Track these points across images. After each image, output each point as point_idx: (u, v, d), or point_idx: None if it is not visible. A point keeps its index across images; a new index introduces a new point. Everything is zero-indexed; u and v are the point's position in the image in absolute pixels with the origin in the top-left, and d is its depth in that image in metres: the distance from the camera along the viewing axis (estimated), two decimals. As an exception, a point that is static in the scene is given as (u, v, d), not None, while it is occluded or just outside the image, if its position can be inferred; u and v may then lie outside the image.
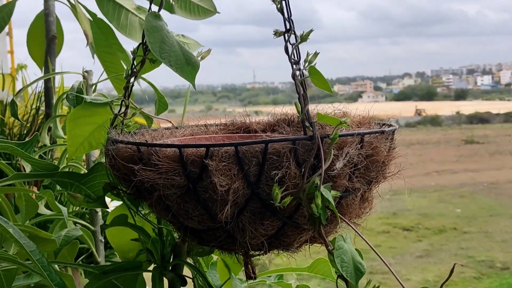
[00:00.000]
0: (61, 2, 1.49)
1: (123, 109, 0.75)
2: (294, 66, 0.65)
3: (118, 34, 1.55)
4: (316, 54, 0.65)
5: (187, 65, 0.72)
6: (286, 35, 0.66)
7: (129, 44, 1.54)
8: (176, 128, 0.86)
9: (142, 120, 1.02)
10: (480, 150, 20.83)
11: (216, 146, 0.61)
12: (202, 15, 1.53)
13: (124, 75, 0.75)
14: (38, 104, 1.54)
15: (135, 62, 0.75)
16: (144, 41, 0.74)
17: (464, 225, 10.55)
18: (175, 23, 0.78)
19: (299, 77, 0.64)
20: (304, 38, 0.65)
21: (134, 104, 0.78)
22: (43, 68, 1.48)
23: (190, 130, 0.87)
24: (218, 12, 1.55)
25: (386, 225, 10.40)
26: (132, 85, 0.75)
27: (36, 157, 0.88)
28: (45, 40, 1.45)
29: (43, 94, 1.51)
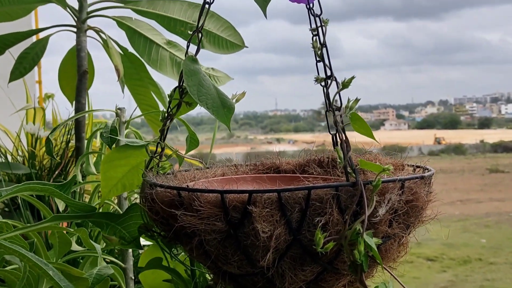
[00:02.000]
0: (92, 37, 1.52)
1: (158, 151, 0.75)
2: (336, 112, 0.65)
3: (148, 68, 1.57)
4: (357, 100, 0.65)
5: (222, 108, 0.73)
6: (327, 81, 0.66)
7: (158, 77, 1.55)
8: (207, 168, 0.86)
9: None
10: (505, 179, 20.55)
11: (258, 192, 0.61)
12: (230, 49, 1.55)
13: (160, 118, 0.76)
14: (68, 137, 1.55)
15: (171, 105, 0.76)
16: (181, 84, 0.74)
17: (489, 255, 10.37)
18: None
19: (341, 123, 0.64)
20: (345, 85, 0.65)
21: (169, 146, 0.78)
22: (73, 102, 1.50)
23: (221, 170, 0.87)
24: (246, 47, 1.56)
25: (410, 254, 10.21)
26: (168, 128, 0.75)
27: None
28: (77, 75, 1.46)
29: (73, 126, 1.52)
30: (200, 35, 0.74)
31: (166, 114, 0.75)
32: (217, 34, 1.49)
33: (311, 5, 0.73)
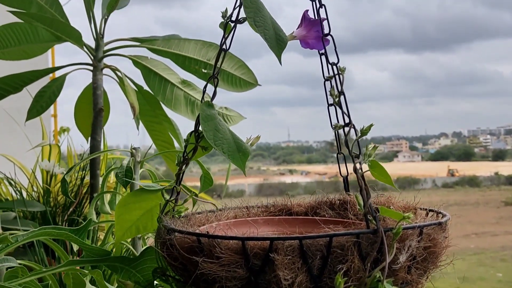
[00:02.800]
0: (109, 76, 1.54)
1: (174, 195, 0.76)
2: (355, 159, 0.65)
3: (163, 105, 1.58)
4: (375, 147, 0.65)
5: (238, 152, 0.73)
6: (345, 128, 0.66)
7: (173, 113, 1.56)
8: (220, 210, 0.86)
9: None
10: (520, 212, 20.32)
11: (280, 239, 0.61)
12: (244, 87, 1.56)
13: (176, 162, 0.76)
14: (83, 173, 1.56)
15: (187, 150, 0.76)
16: (197, 128, 0.75)
17: (506, 290, 10.21)
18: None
19: (360, 170, 0.64)
20: (364, 132, 0.66)
21: (185, 191, 0.78)
22: (89, 139, 1.51)
23: (233, 213, 0.87)
24: (259, 85, 1.58)
25: (425, 289, 10.12)
26: (184, 172, 0.76)
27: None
28: (92, 112, 1.48)
29: (88, 163, 1.53)
30: (216, 80, 0.75)
31: (182, 159, 0.75)
32: (230, 72, 1.51)
33: (324, 49, 0.74)
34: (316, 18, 0.74)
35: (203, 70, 1.55)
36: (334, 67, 0.69)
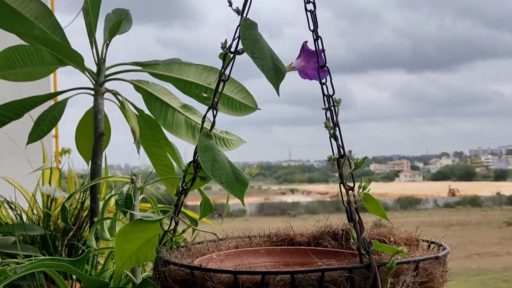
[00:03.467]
0: (110, 100, 1.54)
1: (172, 226, 0.76)
2: (349, 192, 0.65)
3: (163, 129, 1.58)
4: (370, 180, 0.65)
5: (236, 182, 0.73)
6: (339, 161, 0.66)
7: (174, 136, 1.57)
8: (221, 240, 0.86)
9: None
10: (523, 232, 20.24)
11: (272, 274, 0.61)
12: (243, 111, 1.57)
13: (175, 192, 0.76)
14: (83, 197, 1.56)
15: (185, 180, 0.76)
16: (195, 158, 0.75)
17: (509, 312, 10.13)
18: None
19: (354, 203, 0.64)
20: (358, 165, 0.66)
21: (184, 221, 0.79)
22: (89, 162, 1.52)
23: (235, 242, 0.87)
24: (259, 109, 1.58)
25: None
26: (182, 202, 0.76)
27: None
28: (93, 136, 1.49)
29: (88, 186, 1.53)
30: (215, 111, 0.76)
31: (180, 189, 0.76)
32: (230, 96, 1.52)
33: (323, 80, 0.75)
34: (313, 49, 0.75)
35: (203, 95, 1.55)
36: (330, 98, 0.69)
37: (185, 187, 0.75)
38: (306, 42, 0.77)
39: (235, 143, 1.57)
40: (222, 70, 0.74)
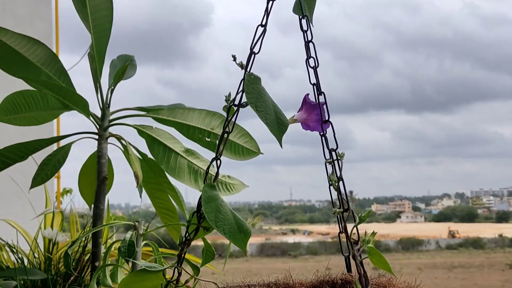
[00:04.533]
0: (113, 144, 1.56)
1: (175, 276, 0.76)
2: (354, 246, 0.66)
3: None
4: (374, 233, 0.66)
5: (239, 233, 0.74)
6: (343, 214, 0.67)
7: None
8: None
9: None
10: (526, 275, 20.03)
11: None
12: (246, 155, 1.58)
13: (178, 242, 0.77)
14: (85, 241, 1.56)
15: (189, 230, 0.77)
16: (199, 209, 0.76)
17: None
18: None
19: (359, 257, 0.65)
20: (363, 219, 0.67)
21: (186, 271, 0.79)
22: (92, 206, 1.52)
23: (234, 293, 0.87)
24: (262, 153, 1.60)
25: None
26: (185, 252, 0.76)
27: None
28: (96, 180, 1.50)
29: (90, 229, 1.53)
30: (219, 162, 0.77)
31: (184, 239, 0.76)
32: (233, 141, 1.53)
33: (325, 132, 0.76)
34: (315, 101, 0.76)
35: (206, 139, 1.57)
36: (333, 152, 0.70)
37: (189, 237, 0.76)
38: (307, 94, 0.79)
39: (237, 187, 1.59)
40: (226, 123, 0.75)
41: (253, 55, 0.73)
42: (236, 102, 0.74)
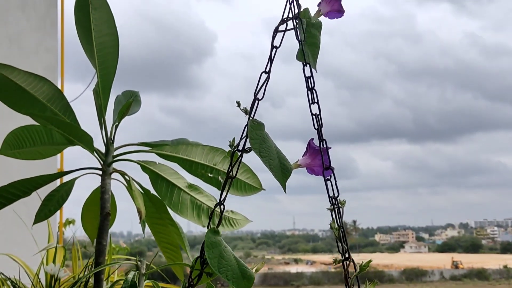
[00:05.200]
0: (117, 180, 1.56)
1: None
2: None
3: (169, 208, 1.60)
4: (374, 282, 0.66)
5: (242, 279, 0.74)
6: (345, 263, 0.67)
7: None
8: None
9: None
10: (531, 308, 19.82)
11: None
12: (248, 191, 1.59)
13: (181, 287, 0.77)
14: (87, 276, 1.55)
15: (192, 275, 0.77)
16: (202, 254, 0.76)
17: None
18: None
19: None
20: (363, 268, 0.67)
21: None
22: (95, 241, 1.52)
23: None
24: (264, 189, 1.60)
25: None
26: (189, 295, 0.76)
27: None
28: (99, 216, 1.50)
29: (92, 263, 1.53)
30: (222, 207, 0.77)
31: (187, 285, 0.76)
32: (236, 177, 1.54)
33: (328, 176, 0.77)
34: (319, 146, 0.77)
35: (209, 175, 1.58)
36: (335, 200, 0.71)
37: (192, 282, 0.76)
38: (312, 139, 0.79)
39: (241, 222, 1.59)
40: (230, 168, 0.76)
41: (257, 102, 0.74)
42: (240, 147, 0.75)
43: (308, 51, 0.77)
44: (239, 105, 0.74)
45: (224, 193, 0.77)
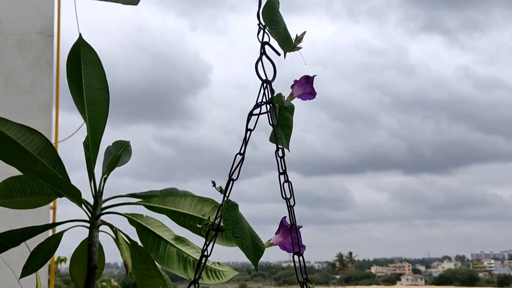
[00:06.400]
0: (105, 232, 1.59)
1: None
2: None
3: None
4: None
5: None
6: None
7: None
8: None
9: None
10: None
11: None
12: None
13: None
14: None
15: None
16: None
17: None
18: None
19: None
20: None
21: None
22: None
23: None
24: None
25: None
26: None
27: None
28: (87, 268, 1.52)
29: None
30: (197, 285, 0.80)
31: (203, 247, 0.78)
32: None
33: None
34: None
35: (197, 226, 1.60)
36: (305, 285, 0.73)
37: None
38: (284, 217, 0.82)
39: (227, 274, 1.61)
40: (205, 246, 0.79)
41: (231, 182, 0.77)
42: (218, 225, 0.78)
43: (281, 133, 0.80)
44: (214, 185, 0.78)
45: (199, 272, 0.79)
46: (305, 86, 0.84)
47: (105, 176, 1.60)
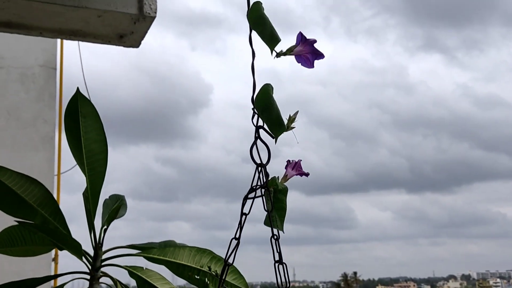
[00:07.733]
0: (105, 283, 1.59)
1: None
2: None
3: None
4: None
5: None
6: None
7: None
8: None
9: None
10: None
11: None
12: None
13: None
14: None
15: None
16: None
17: None
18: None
19: None
20: None
21: None
22: None
23: None
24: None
25: None
26: None
27: None
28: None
29: None
30: None
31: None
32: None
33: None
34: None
35: (196, 277, 1.60)
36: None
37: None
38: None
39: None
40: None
41: (227, 267, 0.77)
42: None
43: (276, 215, 0.81)
44: (210, 270, 0.78)
45: None
46: (297, 167, 0.85)
47: (105, 227, 1.60)
